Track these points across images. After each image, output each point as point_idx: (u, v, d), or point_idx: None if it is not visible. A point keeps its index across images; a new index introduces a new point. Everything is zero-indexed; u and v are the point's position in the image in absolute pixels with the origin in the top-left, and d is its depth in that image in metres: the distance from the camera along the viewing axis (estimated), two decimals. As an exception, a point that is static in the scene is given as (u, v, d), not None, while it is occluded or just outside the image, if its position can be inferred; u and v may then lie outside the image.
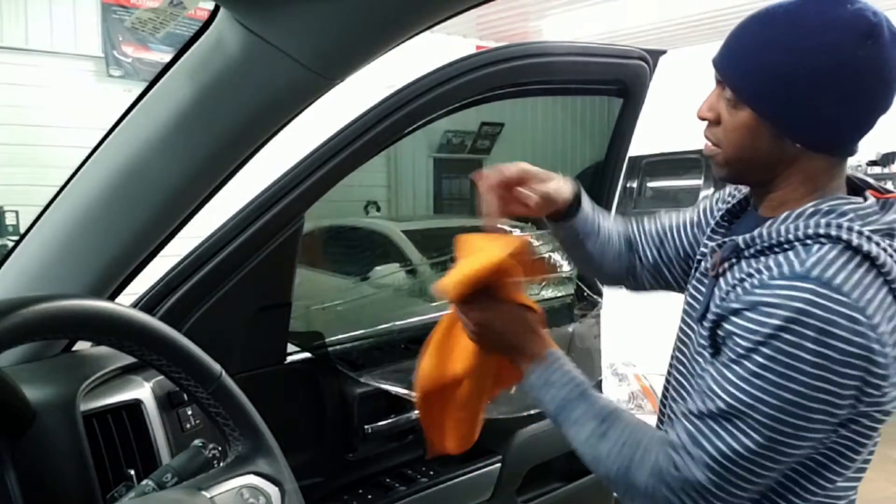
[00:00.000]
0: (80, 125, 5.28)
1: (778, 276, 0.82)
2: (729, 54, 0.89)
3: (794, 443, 0.82)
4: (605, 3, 7.06)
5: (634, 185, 6.96)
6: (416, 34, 0.83)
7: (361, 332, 1.53)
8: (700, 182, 6.57)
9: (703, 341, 0.91)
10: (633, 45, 1.52)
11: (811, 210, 0.86)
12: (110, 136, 0.96)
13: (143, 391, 0.98)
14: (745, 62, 0.87)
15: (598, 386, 1.83)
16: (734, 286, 0.88)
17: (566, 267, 1.82)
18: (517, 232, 1.94)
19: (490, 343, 0.98)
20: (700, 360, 0.93)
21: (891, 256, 0.82)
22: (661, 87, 1.86)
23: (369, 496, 1.43)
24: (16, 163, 5.39)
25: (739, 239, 0.90)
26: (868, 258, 0.81)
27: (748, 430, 0.82)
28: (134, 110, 0.94)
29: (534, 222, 1.95)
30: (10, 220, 5.35)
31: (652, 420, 1.06)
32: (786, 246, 0.85)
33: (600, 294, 1.80)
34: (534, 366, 0.97)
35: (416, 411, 1.49)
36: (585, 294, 1.80)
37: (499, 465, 1.58)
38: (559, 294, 1.82)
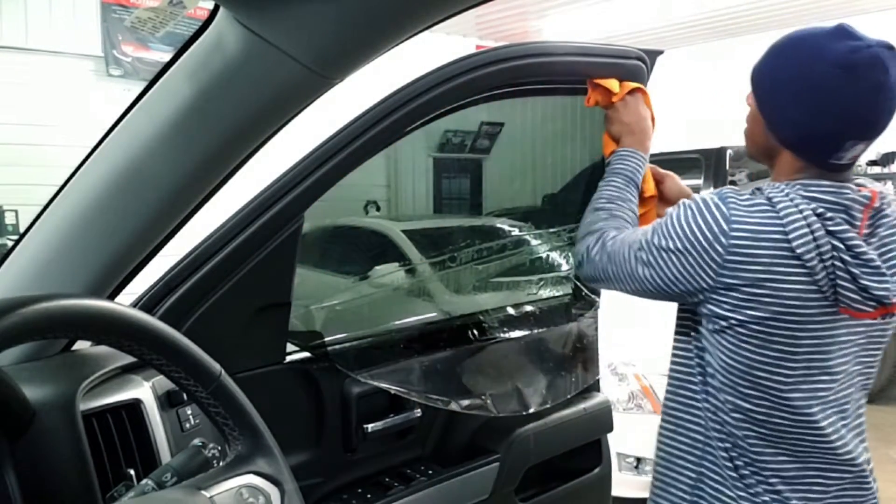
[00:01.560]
0: (80, 124, 5.28)
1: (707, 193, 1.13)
2: (758, 61, 1.14)
3: (653, 280, 1.15)
4: (604, 3, 7.06)
5: (634, 184, 6.94)
6: (416, 34, 0.83)
7: (361, 331, 1.53)
8: (700, 182, 6.57)
9: None
10: (632, 45, 1.52)
11: (777, 183, 1.12)
12: (110, 136, 0.96)
13: (142, 391, 0.98)
14: (759, 67, 1.14)
15: (597, 385, 1.84)
16: None
17: (564, 266, 1.82)
18: (517, 231, 1.94)
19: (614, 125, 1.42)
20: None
21: (795, 208, 1.04)
22: (659, 87, 1.86)
23: (369, 496, 1.43)
24: (15, 162, 5.38)
25: None
26: (773, 206, 1.06)
27: (644, 238, 1.17)
28: (133, 110, 0.94)
29: (533, 223, 1.95)
30: (9, 219, 5.36)
31: (653, 420, 1.10)
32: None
33: (598, 293, 1.80)
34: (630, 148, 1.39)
35: (417, 410, 1.50)
36: (583, 293, 1.80)
37: (497, 464, 1.58)
38: (557, 293, 1.82)
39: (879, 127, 1.05)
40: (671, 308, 1.26)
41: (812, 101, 1.04)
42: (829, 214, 1.05)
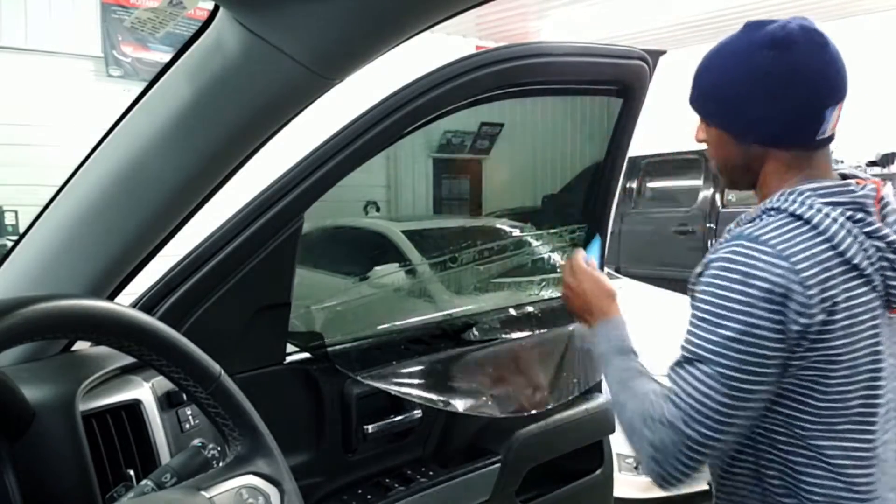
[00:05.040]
0: (80, 125, 5.28)
1: (723, 240, 1.01)
2: (692, 86, 1.10)
3: (739, 378, 0.95)
4: (605, 3, 7.06)
5: (634, 185, 6.95)
6: (416, 34, 0.83)
7: (361, 332, 1.53)
8: (700, 182, 6.58)
9: None
10: (634, 45, 1.52)
11: (777, 194, 1.03)
12: (109, 136, 0.96)
13: (142, 391, 0.98)
14: (697, 88, 1.09)
15: (598, 386, 1.83)
16: None
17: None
18: (517, 232, 1.94)
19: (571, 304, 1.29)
20: None
21: (834, 220, 0.97)
22: (662, 88, 1.86)
23: (369, 496, 1.43)
24: (15, 162, 5.38)
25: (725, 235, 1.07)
26: (807, 222, 0.97)
27: (698, 369, 0.97)
28: (133, 110, 0.94)
29: (533, 223, 1.95)
30: (9, 219, 5.36)
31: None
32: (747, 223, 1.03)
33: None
34: (600, 322, 1.22)
35: (417, 411, 1.50)
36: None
37: (498, 465, 1.58)
38: (558, 294, 1.82)
39: (843, 85, 1.02)
40: (671, 308, 1.25)
41: (770, 88, 1.00)
42: (858, 216, 0.99)
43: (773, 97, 1.01)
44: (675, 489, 1.02)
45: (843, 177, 1.07)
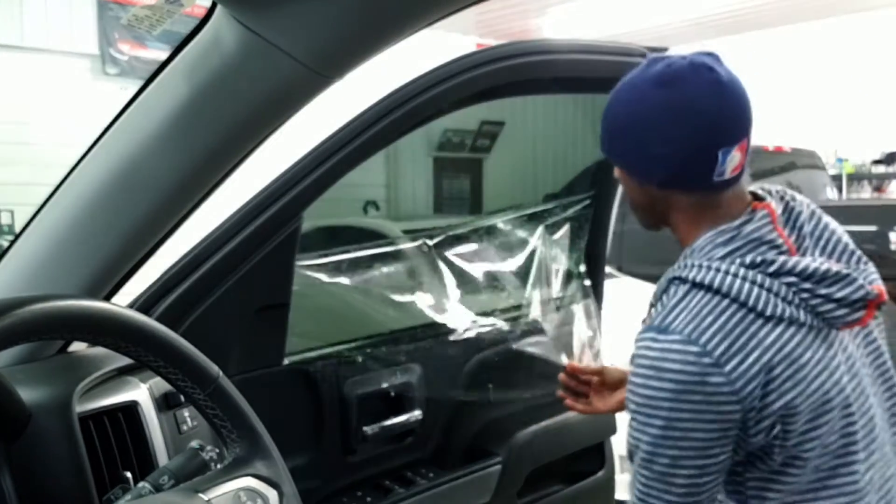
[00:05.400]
0: (76, 123, 5.27)
1: (638, 333, 0.98)
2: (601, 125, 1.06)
3: (678, 475, 0.93)
4: (605, 1, 7.06)
5: (634, 184, 6.94)
6: (416, 32, 0.82)
7: (360, 332, 1.53)
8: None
9: None
10: (635, 42, 1.52)
11: (683, 253, 1.02)
12: (106, 135, 0.95)
13: (139, 393, 0.98)
14: (603, 138, 1.04)
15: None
16: None
17: (567, 267, 1.81)
18: (517, 231, 1.93)
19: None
20: None
21: (734, 276, 0.93)
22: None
23: (368, 498, 1.42)
24: (11, 161, 5.37)
25: (652, 296, 1.05)
26: (709, 289, 0.94)
27: (639, 468, 0.96)
28: (130, 108, 0.93)
29: (534, 223, 1.94)
30: (5, 219, 5.34)
31: None
32: (664, 292, 1.01)
33: (600, 297, 1.79)
34: None
35: (417, 412, 1.49)
36: (584, 294, 1.80)
37: (499, 466, 1.58)
38: (560, 294, 1.82)
39: (741, 123, 0.96)
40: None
41: (660, 128, 0.95)
42: (758, 259, 0.94)
43: (664, 137, 0.96)
44: None
45: (756, 198, 1.03)
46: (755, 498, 0.98)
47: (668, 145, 0.96)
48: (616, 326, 1.94)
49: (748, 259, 0.94)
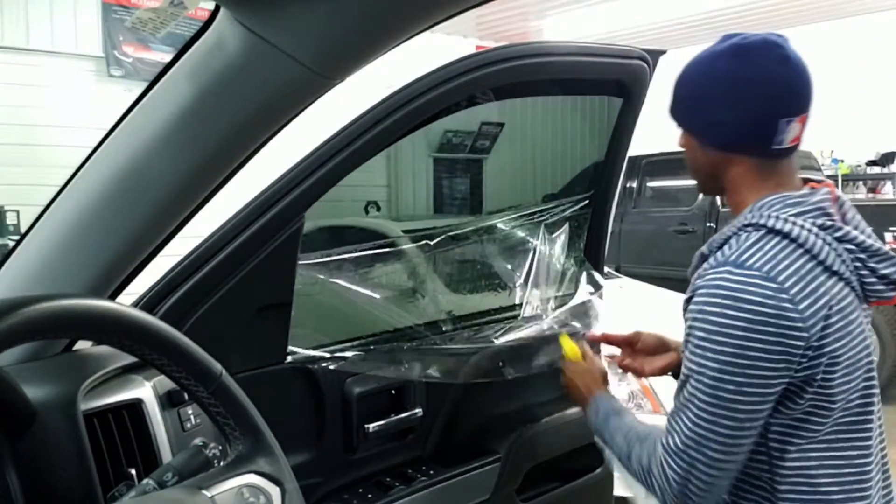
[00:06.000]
0: (81, 125, 5.28)
1: (709, 266, 1.04)
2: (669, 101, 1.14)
3: (740, 401, 0.98)
4: (605, 3, 7.06)
5: (634, 185, 6.95)
6: (417, 34, 0.83)
7: (362, 332, 1.54)
8: (700, 182, 6.56)
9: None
10: (633, 44, 1.52)
11: (748, 209, 1.07)
12: (111, 136, 0.96)
13: (143, 390, 0.98)
14: (672, 94, 1.13)
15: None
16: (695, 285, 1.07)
17: (566, 266, 1.82)
18: (517, 231, 1.94)
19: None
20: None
21: (808, 231, 1.01)
22: (662, 87, 1.86)
23: (369, 495, 1.43)
24: (16, 162, 5.38)
25: (704, 247, 1.12)
26: (786, 236, 1.01)
27: (699, 394, 1.00)
28: (134, 110, 0.94)
29: (534, 222, 1.95)
30: (10, 219, 5.35)
31: (652, 419, 1.09)
32: (726, 241, 1.07)
33: (601, 296, 1.80)
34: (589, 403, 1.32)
35: (417, 410, 1.50)
36: (584, 292, 1.80)
37: (498, 464, 1.58)
38: (559, 293, 1.82)
39: (803, 98, 1.04)
40: (670, 307, 1.25)
41: (727, 93, 1.05)
42: (826, 223, 1.03)
43: (730, 103, 1.05)
44: None
45: (804, 181, 1.11)
46: (777, 449, 1.05)
47: (733, 110, 1.04)
48: (615, 326, 1.95)
49: (819, 221, 1.03)
